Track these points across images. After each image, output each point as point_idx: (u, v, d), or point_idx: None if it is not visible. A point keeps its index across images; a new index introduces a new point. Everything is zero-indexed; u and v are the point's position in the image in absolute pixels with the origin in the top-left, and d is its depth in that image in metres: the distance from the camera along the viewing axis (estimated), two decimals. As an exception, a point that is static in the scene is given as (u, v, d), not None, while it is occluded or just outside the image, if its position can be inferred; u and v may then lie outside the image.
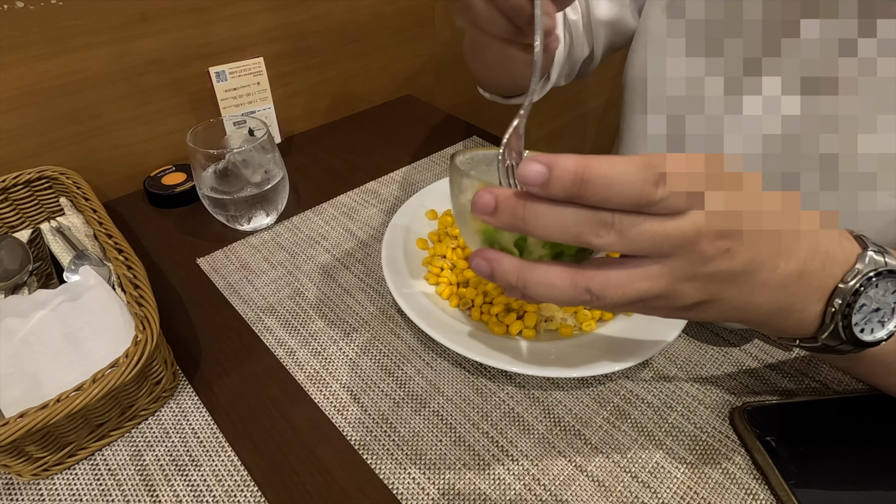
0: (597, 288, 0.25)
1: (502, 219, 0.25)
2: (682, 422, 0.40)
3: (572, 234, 0.24)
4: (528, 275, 0.26)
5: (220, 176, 0.55)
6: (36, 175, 0.55)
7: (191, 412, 0.42)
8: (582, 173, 0.23)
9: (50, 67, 0.57)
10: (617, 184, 0.23)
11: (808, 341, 0.31)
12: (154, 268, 0.55)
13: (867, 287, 0.28)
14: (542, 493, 0.36)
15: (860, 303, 0.28)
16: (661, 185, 0.23)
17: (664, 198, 0.23)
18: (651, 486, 0.37)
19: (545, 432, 0.40)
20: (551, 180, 0.23)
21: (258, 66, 0.66)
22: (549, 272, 0.26)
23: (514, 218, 0.25)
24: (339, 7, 0.76)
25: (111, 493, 0.37)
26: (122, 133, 0.64)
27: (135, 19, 0.60)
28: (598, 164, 0.23)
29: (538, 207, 0.24)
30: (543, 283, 0.26)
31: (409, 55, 0.90)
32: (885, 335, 0.30)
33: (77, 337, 0.40)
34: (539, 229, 0.25)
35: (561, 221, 0.24)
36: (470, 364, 0.45)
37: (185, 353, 0.46)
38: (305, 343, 0.47)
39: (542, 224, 0.24)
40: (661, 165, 0.23)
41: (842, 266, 0.29)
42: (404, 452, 0.39)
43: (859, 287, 0.28)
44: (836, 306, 0.29)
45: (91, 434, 0.38)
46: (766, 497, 0.36)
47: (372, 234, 0.59)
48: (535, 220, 0.24)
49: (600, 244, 0.24)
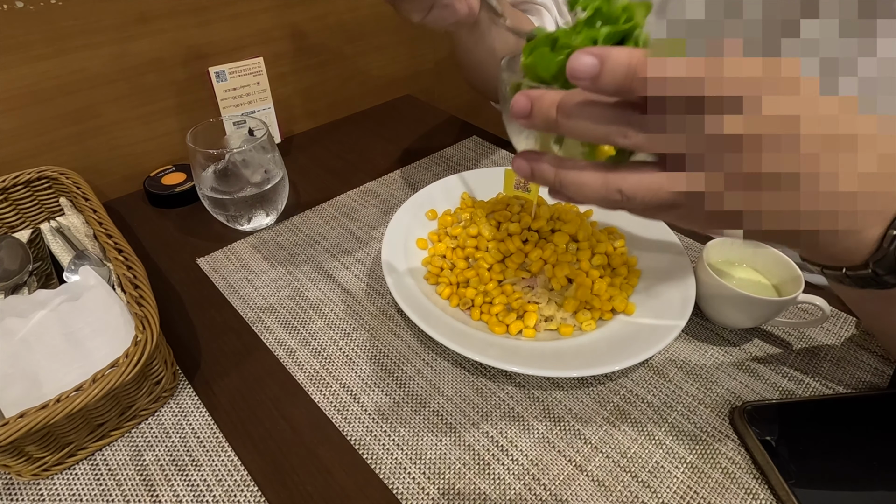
0: (628, 188, 0.25)
1: (536, 121, 0.26)
2: (682, 421, 0.40)
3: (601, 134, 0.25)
4: (563, 174, 0.26)
5: (220, 176, 0.55)
6: (36, 175, 0.55)
7: (191, 412, 0.42)
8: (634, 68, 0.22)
9: (49, 67, 0.57)
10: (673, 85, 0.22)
11: (857, 268, 0.28)
12: (154, 268, 0.55)
13: None
14: (542, 492, 0.36)
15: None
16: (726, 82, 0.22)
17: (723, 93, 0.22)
18: (651, 485, 0.37)
19: (545, 432, 0.40)
20: (602, 75, 0.23)
21: (258, 66, 0.66)
22: (582, 172, 0.26)
23: (548, 120, 0.25)
24: (338, 7, 0.76)
25: (111, 493, 0.37)
26: (121, 133, 0.65)
27: (134, 19, 0.60)
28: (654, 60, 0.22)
29: (570, 108, 0.25)
30: (576, 183, 0.26)
31: (408, 55, 0.90)
32: None
33: (77, 337, 0.40)
34: (570, 131, 0.25)
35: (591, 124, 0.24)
36: (470, 364, 0.45)
37: (185, 353, 0.46)
38: (305, 343, 0.47)
39: (573, 125, 0.25)
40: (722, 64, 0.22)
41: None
42: (404, 452, 0.39)
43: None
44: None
45: (91, 434, 0.38)
46: (765, 496, 0.36)
47: (372, 234, 0.59)
48: (566, 122, 0.25)
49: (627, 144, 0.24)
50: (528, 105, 0.26)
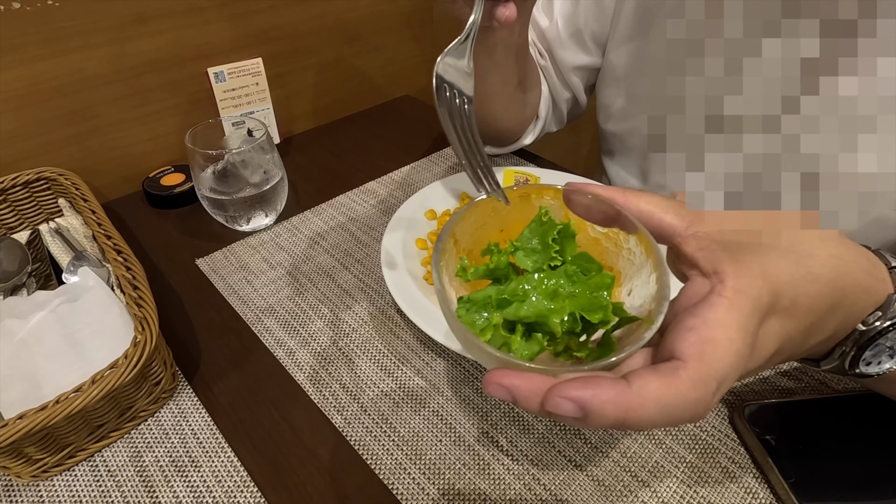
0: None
1: (525, 407, 0.22)
2: (682, 421, 0.40)
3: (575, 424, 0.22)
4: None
5: (219, 176, 0.55)
6: (34, 176, 0.55)
7: (190, 413, 0.41)
8: (623, 420, 0.20)
9: (47, 68, 0.57)
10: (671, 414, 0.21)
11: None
12: (153, 269, 0.55)
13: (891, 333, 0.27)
14: (542, 492, 0.36)
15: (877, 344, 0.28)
16: (717, 394, 0.21)
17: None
18: (651, 485, 0.37)
19: (545, 432, 0.40)
20: (589, 424, 0.21)
21: (257, 67, 0.66)
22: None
23: (541, 412, 0.22)
24: (337, 7, 0.76)
25: (111, 494, 0.37)
26: (120, 134, 0.64)
27: (132, 20, 0.60)
28: (641, 408, 0.20)
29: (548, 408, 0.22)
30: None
31: (407, 55, 0.90)
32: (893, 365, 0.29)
33: (76, 338, 0.40)
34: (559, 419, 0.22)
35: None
36: (470, 364, 0.45)
37: (184, 353, 0.46)
38: (305, 343, 0.47)
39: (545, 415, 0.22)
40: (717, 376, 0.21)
41: (865, 311, 0.28)
42: (404, 452, 0.39)
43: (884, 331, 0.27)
44: (849, 345, 0.28)
45: (90, 435, 0.38)
46: (765, 496, 0.36)
47: (371, 235, 0.58)
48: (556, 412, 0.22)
49: None
50: (509, 396, 0.22)
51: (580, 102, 0.65)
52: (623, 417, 0.20)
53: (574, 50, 0.59)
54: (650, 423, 0.21)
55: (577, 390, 0.21)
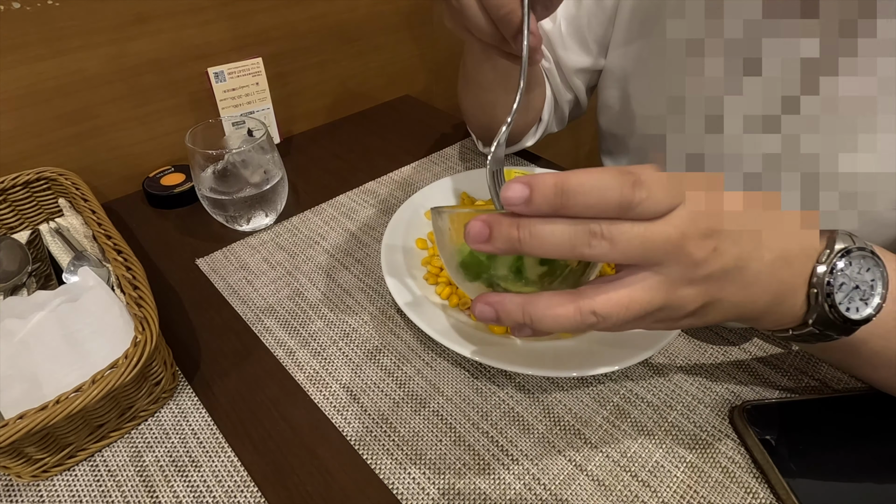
0: (601, 308, 0.26)
1: (498, 244, 0.26)
2: (682, 421, 0.40)
3: (567, 247, 0.25)
4: (532, 309, 0.27)
5: (219, 176, 0.55)
6: (35, 176, 0.55)
7: (190, 413, 0.42)
8: (562, 185, 0.24)
9: (47, 68, 0.57)
10: (596, 189, 0.24)
11: (800, 328, 0.32)
12: (153, 269, 0.55)
13: (842, 264, 0.29)
14: (542, 492, 0.36)
15: (839, 281, 0.29)
16: (638, 187, 0.24)
17: (643, 199, 0.24)
18: (651, 484, 0.37)
19: (545, 432, 0.40)
20: (534, 197, 0.24)
21: (257, 67, 0.66)
22: (552, 302, 0.26)
23: (510, 240, 0.25)
24: (337, 7, 0.76)
25: (111, 494, 0.37)
26: (120, 134, 0.64)
27: (132, 20, 0.60)
28: (576, 175, 0.24)
29: (531, 226, 0.25)
30: (549, 315, 0.26)
31: (407, 55, 0.90)
32: (873, 311, 0.30)
33: (76, 338, 0.40)
34: (536, 248, 0.25)
35: (554, 237, 0.25)
36: (470, 364, 0.45)
37: (184, 353, 0.46)
38: (305, 343, 0.47)
39: (538, 243, 0.25)
40: (638, 171, 0.24)
41: (816, 248, 0.30)
42: (404, 452, 0.39)
43: (834, 264, 0.29)
44: (817, 286, 0.30)
45: (91, 435, 0.38)
46: (765, 495, 0.36)
47: (371, 235, 0.58)
48: (530, 241, 0.25)
49: (594, 254, 0.25)
50: (487, 230, 0.26)
51: (582, 103, 0.65)
52: (562, 181, 0.24)
53: (577, 52, 0.59)
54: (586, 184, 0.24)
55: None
